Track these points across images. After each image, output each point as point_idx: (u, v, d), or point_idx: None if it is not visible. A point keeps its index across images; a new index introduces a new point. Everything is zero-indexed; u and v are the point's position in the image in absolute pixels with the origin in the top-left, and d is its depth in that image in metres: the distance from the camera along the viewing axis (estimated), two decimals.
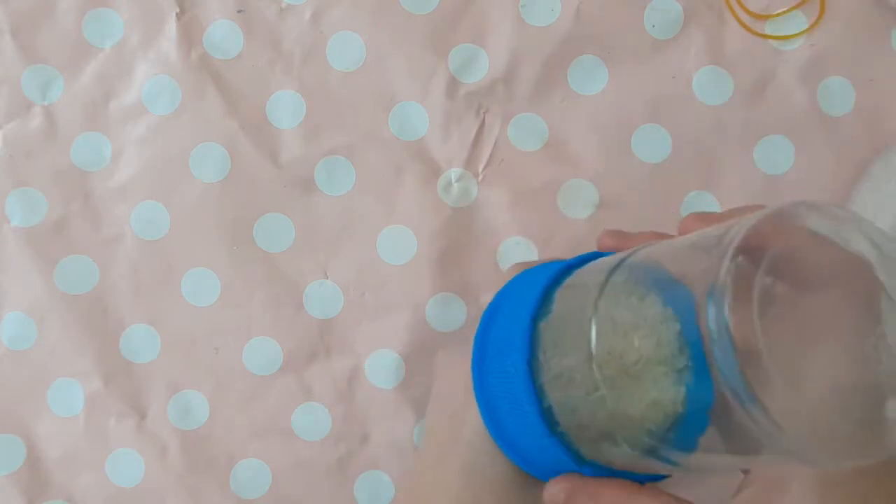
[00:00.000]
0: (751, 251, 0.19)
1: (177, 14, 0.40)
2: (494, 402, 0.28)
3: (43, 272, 0.40)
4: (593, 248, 0.40)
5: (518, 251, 0.39)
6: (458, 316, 0.40)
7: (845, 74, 0.39)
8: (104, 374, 0.40)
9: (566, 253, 0.39)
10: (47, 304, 0.40)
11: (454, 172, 0.40)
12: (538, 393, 0.25)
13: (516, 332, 0.26)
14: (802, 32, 0.39)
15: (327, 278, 0.40)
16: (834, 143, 0.39)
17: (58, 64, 0.40)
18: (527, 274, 0.31)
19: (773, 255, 0.19)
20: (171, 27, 0.40)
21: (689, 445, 0.22)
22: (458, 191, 0.40)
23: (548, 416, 0.25)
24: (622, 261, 0.24)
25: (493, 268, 0.40)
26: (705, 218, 0.27)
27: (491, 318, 0.30)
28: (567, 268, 0.27)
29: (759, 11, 0.40)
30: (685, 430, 0.22)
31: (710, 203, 0.39)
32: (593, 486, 0.26)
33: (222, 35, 0.40)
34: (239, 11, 0.40)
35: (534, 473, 0.29)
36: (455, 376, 0.33)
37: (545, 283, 0.26)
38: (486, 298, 0.40)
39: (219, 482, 0.39)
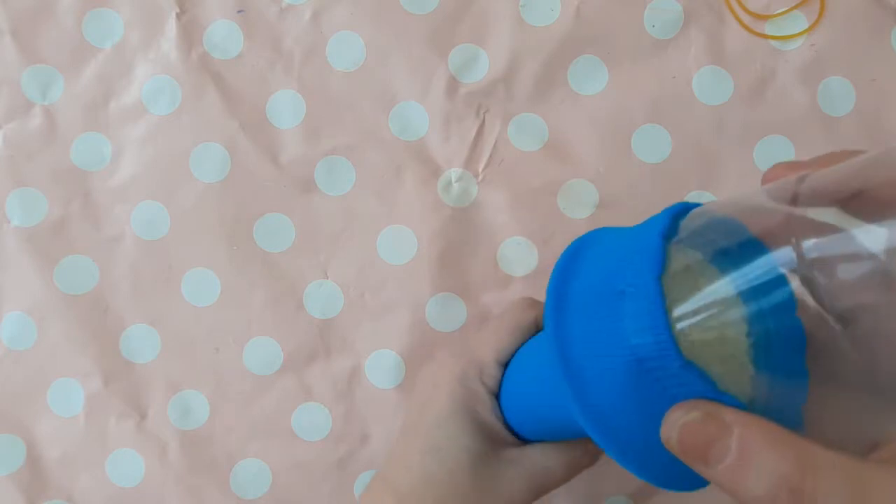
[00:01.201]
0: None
1: (177, 14, 0.40)
2: (580, 348, 0.23)
3: (43, 272, 0.40)
4: None
5: (518, 251, 0.39)
6: (458, 316, 0.40)
7: (845, 74, 0.39)
8: (104, 374, 0.40)
9: None
10: (47, 304, 0.40)
11: (454, 172, 0.40)
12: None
13: (639, 249, 0.21)
14: (802, 32, 0.39)
15: (327, 278, 0.40)
16: (834, 143, 0.39)
17: (58, 64, 0.40)
18: (608, 232, 0.26)
19: None
20: (171, 27, 0.40)
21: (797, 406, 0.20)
22: (458, 191, 0.40)
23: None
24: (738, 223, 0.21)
25: (493, 268, 0.40)
26: (793, 166, 0.23)
27: (575, 260, 0.25)
28: (683, 209, 0.23)
29: (759, 11, 0.40)
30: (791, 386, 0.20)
31: None
32: (740, 413, 0.19)
33: (222, 35, 0.40)
34: (239, 11, 0.40)
35: (616, 437, 0.23)
36: (431, 370, 0.35)
37: (672, 211, 0.22)
38: (487, 298, 0.40)
39: (219, 482, 0.39)
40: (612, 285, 0.22)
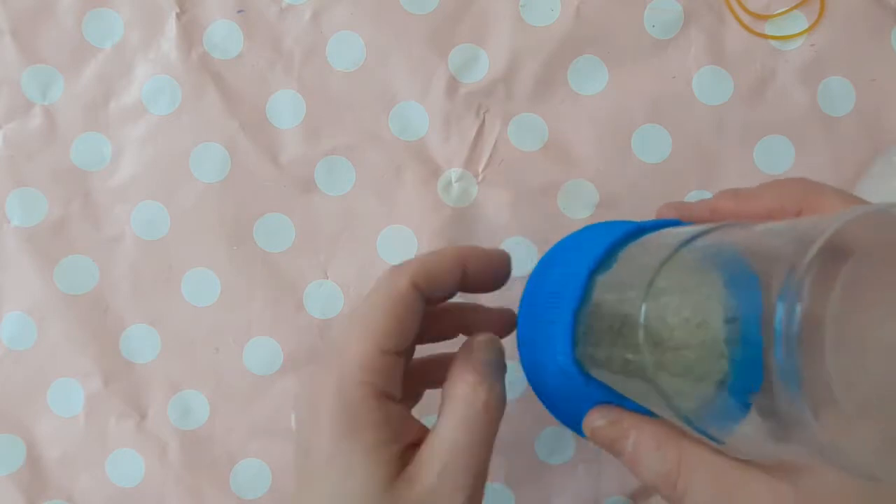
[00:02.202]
0: (838, 249, 0.18)
1: (177, 14, 0.40)
2: (536, 348, 0.29)
3: (43, 272, 0.40)
4: None
5: (518, 251, 0.39)
6: None
7: (845, 74, 0.39)
8: (104, 374, 0.40)
9: None
10: (47, 304, 0.40)
11: (454, 172, 0.40)
12: (577, 344, 0.26)
13: (570, 281, 0.26)
14: (802, 32, 0.39)
15: (327, 278, 0.40)
16: (834, 143, 0.39)
17: (58, 64, 0.40)
18: (593, 228, 0.31)
19: (860, 257, 0.18)
20: (171, 27, 0.40)
21: (727, 425, 0.22)
22: (458, 191, 0.40)
23: (589, 369, 0.26)
24: (694, 237, 0.23)
25: None
26: (738, 195, 0.27)
27: (548, 265, 0.31)
28: (637, 230, 0.27)
29: (759, 11, 0.40)
30: (724, 410, 0.22)
31: None
32: (637, 419, 0.25)
33: (222, 35, 0.40)
34: (239, 11, 0.40)
35: (568, 424, 0.30)
36: (303, 395, 0.30)
37: (611, 240, 0.26)
38: (486, 299, 0.40)
39: (219, 482, 0.39)
40: (546, 313, 0.28)
